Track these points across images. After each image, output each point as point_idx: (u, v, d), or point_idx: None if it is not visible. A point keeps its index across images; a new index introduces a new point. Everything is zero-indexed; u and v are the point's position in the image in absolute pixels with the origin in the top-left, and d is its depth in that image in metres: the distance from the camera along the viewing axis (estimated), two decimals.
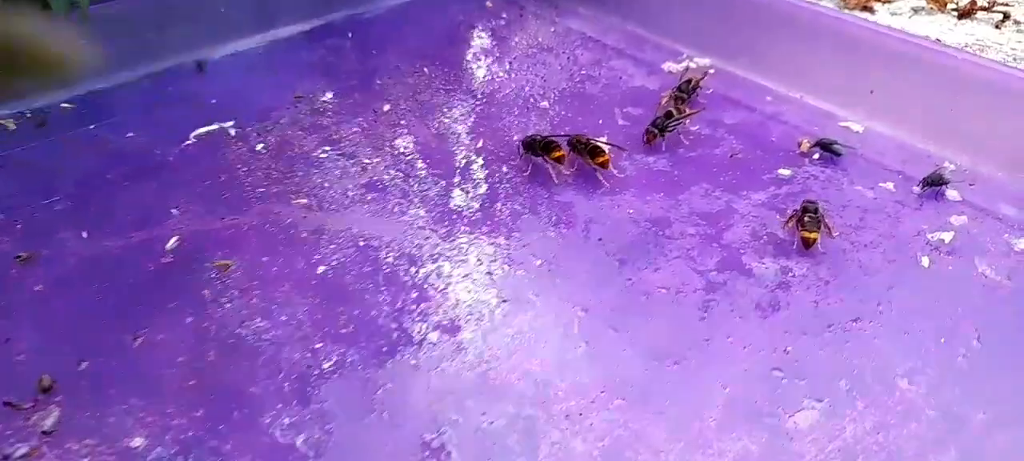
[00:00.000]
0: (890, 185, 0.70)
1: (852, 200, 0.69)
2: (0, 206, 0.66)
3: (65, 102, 0.81)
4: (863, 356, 0.54)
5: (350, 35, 0.98)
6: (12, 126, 0.77)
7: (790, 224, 0.64)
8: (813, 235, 0.62)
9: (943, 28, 0.97)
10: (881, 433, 0.49)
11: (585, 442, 0.49)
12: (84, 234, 0.64)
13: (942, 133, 0.73)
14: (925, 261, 0.61)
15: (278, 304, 0.58)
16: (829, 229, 0.63)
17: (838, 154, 0.73)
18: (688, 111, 0.77)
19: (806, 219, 0.63)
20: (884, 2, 1.05)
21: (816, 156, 0.74)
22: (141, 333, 0.55)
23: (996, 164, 0.70)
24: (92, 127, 0.79)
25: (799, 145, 0.75)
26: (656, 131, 0.75)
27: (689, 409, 0.51)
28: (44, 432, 0.48)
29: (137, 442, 0.48)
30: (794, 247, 0.63)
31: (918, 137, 0.75)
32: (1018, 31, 0.97)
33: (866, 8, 1.01)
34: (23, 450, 0.47)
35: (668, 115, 0.76)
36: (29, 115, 0.79)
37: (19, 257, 0.61)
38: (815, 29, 0.81)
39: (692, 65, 0.89)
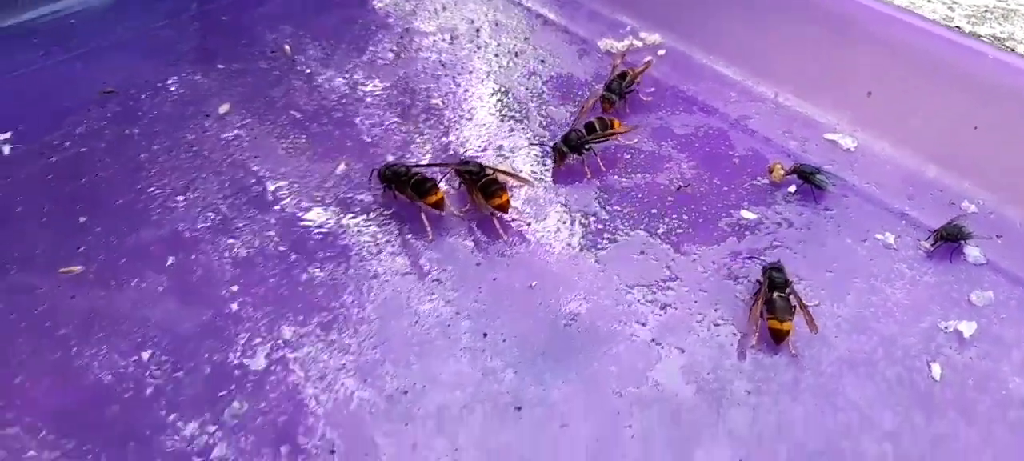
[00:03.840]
0: (889, 237, 0.51)
1: (838, 260, 0.50)
2: None
3: None
4: None
5: None
6: None
7: (755, 309, 0.46)
8: (786, 326, 0.44)
9: None
10: None
11: None
12: None
13: (960, 160, 0.54)
14: (936, 371, 0.44)
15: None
16: (809, 319, 0.45)
17: (822, 188, 0.54)
18: (616, 127, 0.57)
19: (776, 300, 0.45)
20: None
21: (792, 190, 0.55)
22: None
23: None
24: None
25: (770, 171, 0.55)
26: (565, 149, 0.55)
27: None
28: None
29: None
30: (755, 342, 0.45)
31: (928, 162, 0.55)
32: None
33: None
34: None
35: (589, 128, 0.56)
36: None
37: None
38: (798, 4, 0.61)
39: (637, 43, 0.68)
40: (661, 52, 0.67)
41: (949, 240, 0.50)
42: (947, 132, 0.55)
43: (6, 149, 0.57)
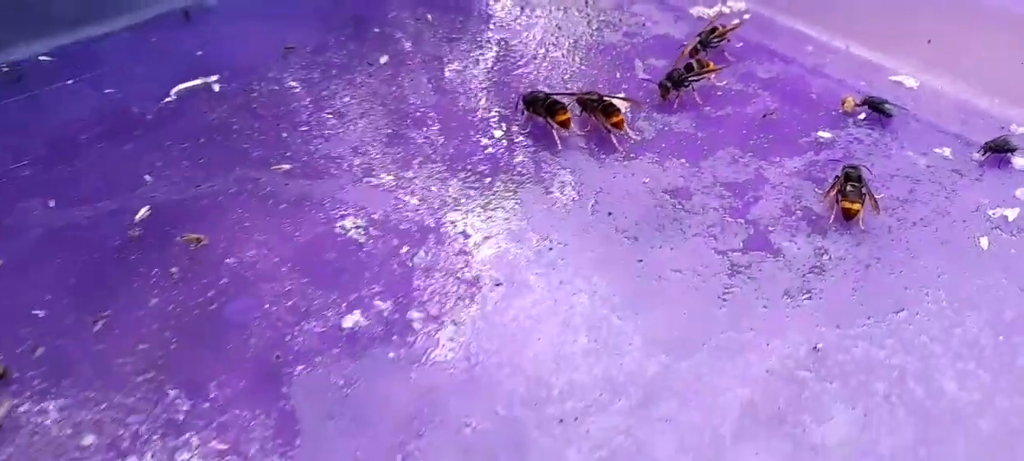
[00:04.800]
0: (946, 151, 0.61)
1: (901, 168, 0.60)
2: None
3: (44, 55, 0.76)
4: (906, 354, 0.47)
5: None
6: None
7: (830, 194, 0.56)
8: (855, 206, 0.54)
9: None
10: (924, 448, 0.42)
11: (579, 452, 0.43)
12: (51, 203, 0.59)
13: (1009, 92, 0.64)
14: (984, 242, 0.53)
15: (249, 285, 0.53)
16: (874, 203, 0.55)
17: (888, 115, 0.64)
18: (710, 67, 0.68)
19: (848, 188, 0.55)
20: None
21: (862, 117, 0.65)
22: (102, 316, 0.51)
23: None
24: (70, 82, 0.73)
25: (842, 103, 0.66)
26: (669, 85, 0.67)
27: (701, 416, 0.44)
28: None
29: (88, 440, 0.44)
30: (831, 222, 0.55)
31: (981, 95, 0.65)
32: None
33: None
34: None
35: (688, 68, 0.68)
36: (6, 69, 0.74)
37: None
38: None
39: (725, 9, 0.80)
40: (747, 15, 0.79)
41: (997, 151, 0.59)
42: (997, 69, 0.64)
43: (216, 87, 0.72)
